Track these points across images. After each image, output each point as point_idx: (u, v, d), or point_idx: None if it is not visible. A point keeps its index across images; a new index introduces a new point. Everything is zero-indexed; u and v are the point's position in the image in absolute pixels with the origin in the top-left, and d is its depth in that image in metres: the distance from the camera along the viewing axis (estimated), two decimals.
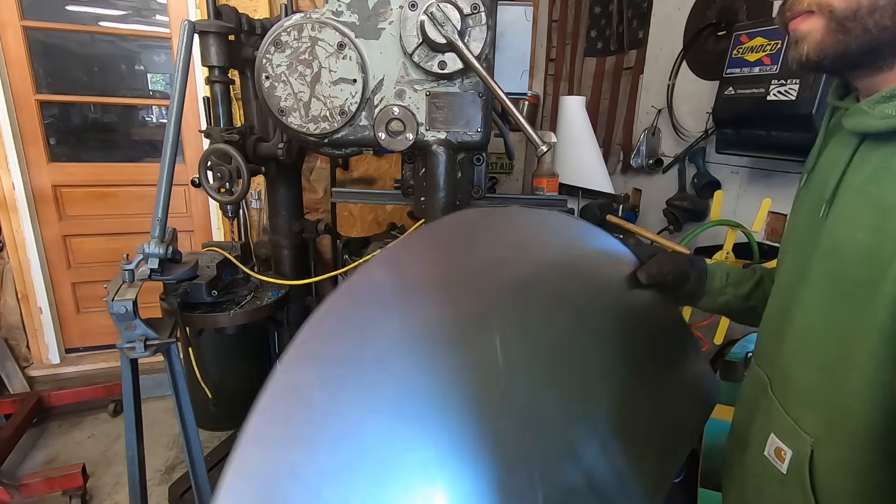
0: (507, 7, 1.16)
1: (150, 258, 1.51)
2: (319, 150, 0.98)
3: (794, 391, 0.64)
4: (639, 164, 2.34)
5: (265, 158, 1.91)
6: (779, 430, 0.65)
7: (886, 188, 0.52)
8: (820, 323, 0.59)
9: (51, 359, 2.78)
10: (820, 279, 0.59)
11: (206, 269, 1.84)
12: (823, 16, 0.53)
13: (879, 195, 0.52)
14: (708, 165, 2.03)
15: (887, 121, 0.51)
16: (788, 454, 0.62)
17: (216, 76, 1.81)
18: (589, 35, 2.78)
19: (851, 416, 0.56)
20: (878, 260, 0.51)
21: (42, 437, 2.52)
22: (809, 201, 0.66)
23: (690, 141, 2.06)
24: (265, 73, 0.85)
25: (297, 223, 2.23)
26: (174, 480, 2.10)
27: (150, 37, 2.66)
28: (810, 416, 0.61)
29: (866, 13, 0.50)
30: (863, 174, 0.55)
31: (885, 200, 0.52)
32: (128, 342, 1.36)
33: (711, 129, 1.92)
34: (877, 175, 0.53)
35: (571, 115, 2.30)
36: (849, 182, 0.57)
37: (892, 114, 0.51)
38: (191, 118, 2.68)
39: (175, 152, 1.55)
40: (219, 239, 2.86)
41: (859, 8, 0.50)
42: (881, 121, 0.52)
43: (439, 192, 0.91)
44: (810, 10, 0.54)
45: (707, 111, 1.89)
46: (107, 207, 2.74)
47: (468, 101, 0.90)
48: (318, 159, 2.89)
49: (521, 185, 3.17)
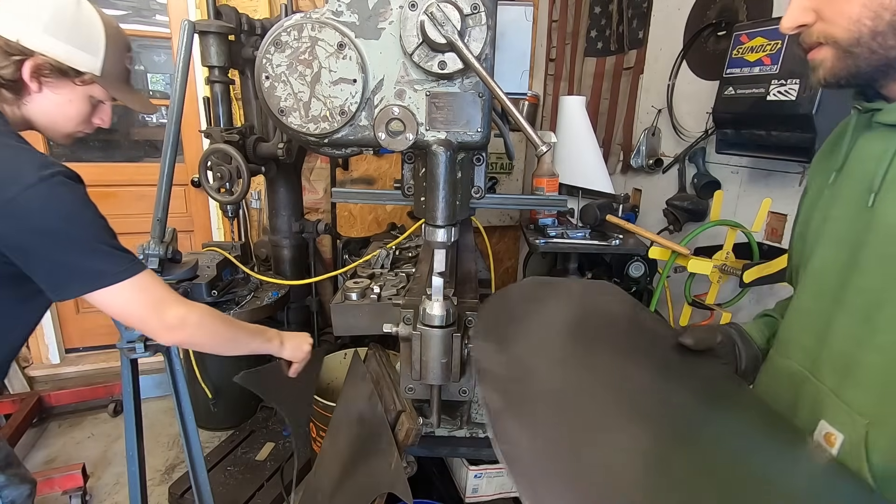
0: (507, 7, 1.16)
1: (150, 258, 1.51)
2: (319, 150, 0.98)
3: (849, 375, 0.66)
4: (639, 164, 2.34)
5: (265, 158, 1.91)
6: (830, 416, 0.68)
7: None
8: (881, 305, 0.62)
9: (51, 359, 2.78)
10: (876, 263, 0.63)
11: (206, 269, 1.84)
12: (831, 46, 0.61)
13: None
14: (708, 165, 2.03)
15: None
16: (840, 438, 0.65)
17: (216, 76, 1.81)
18: (589, 35, 2.78)
19: None
20: None
21: (42, 437, 2.52)
22: (849, 195, 0.69)
23: (690, 141, 2.06)
24: (265, 73, 0.85)
25: (297, 223, 2.23)
26: (174, 480, 2.10)
27: (150, 37, 2.67)
28: (865, 397, 0.64)
29: (868, 38, 0.58)
30: None
31: None
32: (128, 342, 1.36)
33: (711, 129, 1.92)
34: None
35: (571, 115, 2.30)
36: (895, 172, 0.62)
37: None
38: (191, 118, 2.69)
39: (175, 152, 1.56)
40: (219, 239, 2.86)
41: (861, 36, 0.58)
42: None
43: (439, 191, 0.91)
44: (819, 41, 0.62)
45: (707, 111, 1.89)
46: (107, 207, 2.69)
47: (468, 101, 0.90)
48: (318, 159, 2.89)
49: (521, 185, 3.17)
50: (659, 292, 1.81)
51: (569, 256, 2.13)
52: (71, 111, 1.05)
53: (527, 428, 0.59)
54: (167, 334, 1.04)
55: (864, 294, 0.65)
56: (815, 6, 0.62)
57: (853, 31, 0.58)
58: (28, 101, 1.01)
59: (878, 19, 0.57)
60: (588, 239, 1.99)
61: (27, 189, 0.87)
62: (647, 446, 0.62)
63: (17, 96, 1.00)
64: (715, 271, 1.62)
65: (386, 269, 1.55)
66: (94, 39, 1.02)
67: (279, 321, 2.32)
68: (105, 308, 0.97)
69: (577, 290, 1.16)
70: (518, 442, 0.55)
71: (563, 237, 2.00)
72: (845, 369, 0.67)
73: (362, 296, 1.32)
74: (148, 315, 1.00)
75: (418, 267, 1.48)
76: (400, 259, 1.67)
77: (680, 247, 1.69)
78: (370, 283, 1.37)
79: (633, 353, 0.84)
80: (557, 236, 2.00)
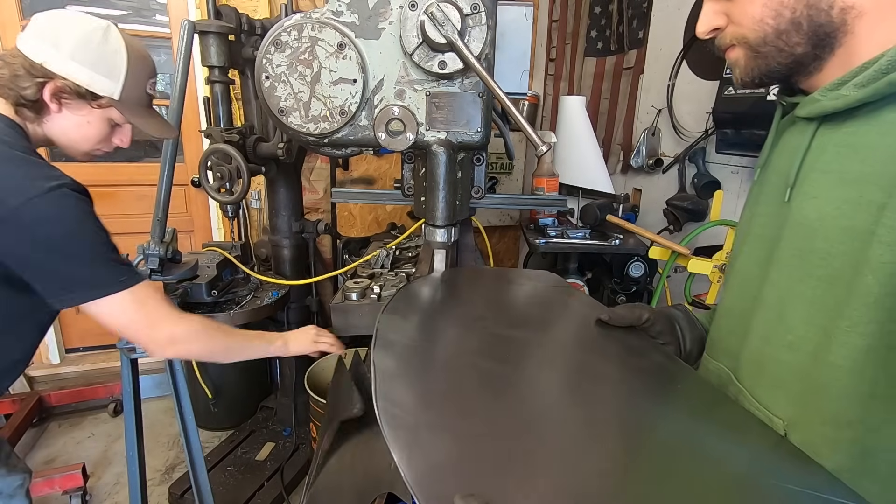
0: (507, 7, 1.16)
1: (150, 258, 1.51)
2: (319, 150, 0.98)
3: (764, 375, 0.65)
4: (639, 164, 2.34)
5: (265, 158, 1.91)
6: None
7: (850, 163, 0.55)
8: (792, 302, 0.61)
9: (51, 359, 2.78)
10: (789, 258, 0.62)
11: (206, 269, 1.84)
12: (743, 46, 0.63)
13: (844, 170, 0.56)
14: (708, 165, 2.03)
15: (843, 99, 0.55)
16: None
17: (216, 76, 1.81)
18: (589, 35, 2.78)
19: (826, 392, 0.57)
20: (854, 230, 0.54)
21: (42, 437, 2.52)
22: (769, 190, 0.69)
23: (690, 141, 2.06)
24: (265, 73, 0.85)
25: (297, 223, 2.23)
26: (174, 480, 2.10)
27: (150, 37, 2.66)
28: (783, 398, 0.62)
29: (774, 37, 0.59)
30: (825, 154, 0.59)
31: (850, 174, 0.55)
32: (128, 342, 1.36)
33: (711, 129, 1.92)
34: (839, 153, 0.57)
35: (571, 115, 2.30)
36: (810, 164, 0.61)
37: (845, 94, 0.55)
38: (191, 118, 2.69)
39: (175, 152, 1.56)
40: (219, 239, 2.86)
41: (766, 35, 0.59)
42: (836, 101, 0.56)
43: (439, 192, 0.91)
44: (733, 43, 0.64)
45: (707, 111, 1.89)
46: (107, 207, 2.74)
47: (468, 101, 0.90)
48: (318, 159, 2.89)
49: (521, 185, 3.17)
50: (659, 292, 1.81)
51: (569, 256, 2.13)
52: (90, 132, 1.11)
53: (411, 389, 0.60)
54: (159, 351, 1.08)
55: (776, 290, 0.64)
56: (724, 9, 0.63)
57: (759, 32, 0.60)
58: (48, 119, 1.06)
59: (780, 17, 0.58)
60: (588, 239, 2.00)
61: (32, 199, 0.90)
62: (534, 407, 0.60)
63: (38, 115, 1.05)
64: (715, 271, 1.63)
65: (386, 269, 1.55)
66: (117, 66, 1.07)
67: (279, 321, 2.32)
68: (101, 319, 1.01)
69: (513, 276, 1.16)
70: (399, 402, 0.55)
71: (563, 237, 2.00)
72: (760, 369, 0.66)
73: (362, 296, 1.32)
74: (140, 332, 1.05)
75: (418, 267, 1.48)
76: (400, 259, 1.67)
77: (680, 247, 1.69)
78: (370, 283, 1.37)
79: (547, 329, 0.83)
80: (557, 236, 2.00)
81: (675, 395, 0.68)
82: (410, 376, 0.64)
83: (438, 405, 0.58)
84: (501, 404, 0.59)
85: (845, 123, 0.57)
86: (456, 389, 0.62)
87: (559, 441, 0.54)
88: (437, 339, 0.76)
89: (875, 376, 0.54)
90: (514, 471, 0.47)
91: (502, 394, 0.61)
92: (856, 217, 0.54)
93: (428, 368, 0.67)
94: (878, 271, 0.51)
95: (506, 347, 0.72)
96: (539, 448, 0.52)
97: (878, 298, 0.51)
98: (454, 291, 0.98)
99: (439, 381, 0.64)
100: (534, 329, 0.81)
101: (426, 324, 0.82)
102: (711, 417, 0.63)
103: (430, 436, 0.52)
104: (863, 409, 0.55)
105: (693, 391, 0.68)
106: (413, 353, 0.69)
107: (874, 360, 0.53)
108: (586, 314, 0.85)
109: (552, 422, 0.59)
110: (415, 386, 0.62)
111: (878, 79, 0.52)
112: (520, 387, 0.62)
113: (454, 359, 0.71)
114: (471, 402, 0.59)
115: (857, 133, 0.56)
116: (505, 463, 0.48)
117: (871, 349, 0.53)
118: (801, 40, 0.58)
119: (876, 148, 0.53)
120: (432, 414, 0.56)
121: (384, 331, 0.70)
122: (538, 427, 0.56)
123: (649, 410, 0.62)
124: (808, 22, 0.57)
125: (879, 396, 0.54)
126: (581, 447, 0.54)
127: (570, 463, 0.51)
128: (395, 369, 0.63)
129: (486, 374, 0.65)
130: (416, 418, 0.54)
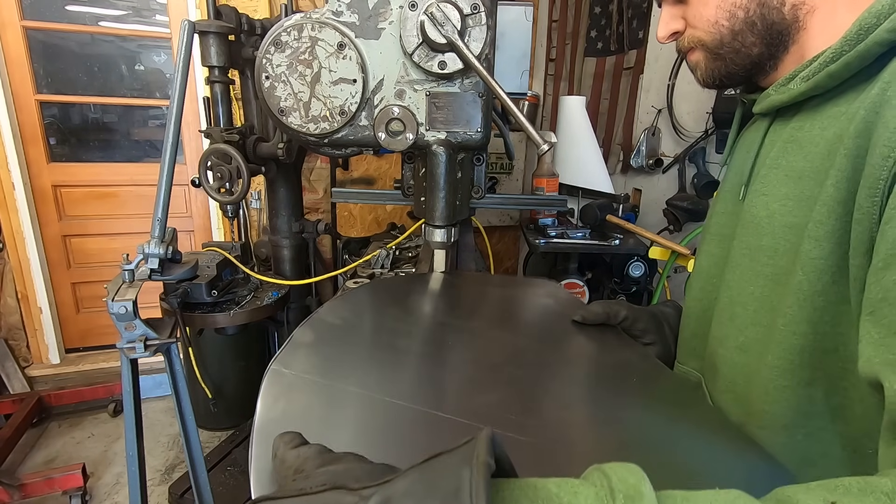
0: (507, 7, 1.16)
1: (150, 258, 1.51)
2: (319, 150, 0.98)
3: (719, 378, 0.64)
4: (639, 164, 2.34)
5: (265, 158, 1.91)
6: None
7: (795, 158, 0.55)
8: (743, 301, 0.60)
9: (51, 359, 2.78)
10: (740, 258, 0.61)
11: (206, 269, 1.84)
12: (701, 49, 0.63)
13: (789, 166, 0.56)
14: (708, 165, 2.03)
15: (788, 93, 0.56)
16: None
17: (216, 76, 1.81)
18: (589, 35, 2.78)
19: (766, 395, 0.55)
20: (795, 227, 0.53)
21: (42, 437, 2.52)
22: (729, 188, 0.69)
23: (690, 141, 2.06)
24: (265, 73, 0.85)
25: (297, 223, 2.23)
26: (174, 480, 2.10)
27: (150, 37, 2.66)
28: (733, 401, 0.61)
29: (730, 39, 0.59)
30: (774, 149, 0.59)
31: (794, 170, 0.55)
32: (128, 342, 1.36)
33: (711, 129, 1.93)
34: (786, 148, 0.57)
35: (571, 115, 2.30)
36: (762, 160, 0.61)
37: (792, 88, 0.56)
38: (191, 118, 2.69)
39: (175, 152, 1.55)
40: (219, 239, 2.86)
41: (722, 37, 0.60)
42: (783, 94, 0.57)
43: (439, 192, 0.91)
44: (692, 46, 0.64)
45: (707, 111, 1.89)
46: (107, 207, 2.74)
47: (468, 101, 0.90)
48: (318, 159, 2.89)
49: (521, 185, 3.17)
50: (659, 292, 1.81)
51: (569, 256, 2.13)
52: None
53: (313, 357, 0.60)
54: None
55: (729, 291, 0.62)
56: (681, 13, 0.63)
57: (714, 34, 0.60)
58: None
59: (734, 19, 0.58)
60: (588, 239, 2.00)
61: None
62: (433, 381, 0.59)
63: None
64: None
65: (386, 269, 1.55)
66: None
67: (279, 321, 2.32)
68: None
69: (495, 281, 1.14)
70: (291, 365, 0.56)
71: (563, 237, 2.00)
72: (715, 372, 0.65)
73: None
74: None
75: (418, 267, 1.48)
76: (400, 259, 1.67)
77: (680, 247, 1.69)
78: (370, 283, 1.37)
79: (510, 326, 0.79)
80: (557, 236, 2.00)
81: (613, 376, 0.66)
82: (319, 346, 0.63)
83: (334, 371, 0.58)
84: (399, 376, 0.58)
85: (794, 118, 0.58)
86: (361, 363, 0.61)
87: (430, 402, 0.53)
88: (369, 325, 0.74)
89: (812, 379, 0.52)
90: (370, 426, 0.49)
91: (407, 368, 0.60)
92: (797, 213, 0.53)
93: (342, 342, 0.66)
94: (807, 267, 0.50)
95: (441, 334, 0.70)
96: (413, 408, 0.52)
97: (808, 296, 0.50)
98: (420, 292, 0.93)
99: (349, 354, 0.63)
100: (487, 323, 0.78)
101: (368, 314, 0.79)
102: (654, 401, 0.60)
103: (301, 391, 0.53)
104: (800, 415, 0.53)
105: (652, 382, 0.64)
106: (336, 330, 0.68)
107: (809, 362, 0.52)
108: (560, 312, 0.81)
109: (441, 389, 0.58)
110: (319, 354, 0.62)
111: (819, 71, 0.52)
112: (430, 366, 0.62)
113: (375, 337, 0.69)
114: (371, 372, 0.59)
115: (803, 128, 0.56)
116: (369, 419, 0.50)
117: (804, 350, 0.51)
118: (757, 40, 0.58)
119: (817, 143, 0.53)
120: (317, 375, 0.56)
121: (320, 312, 0.71)
122: (423, 394, 0.55)
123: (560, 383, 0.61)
124: (761, 21, 0.57)
125: (818, 402, 0.53)
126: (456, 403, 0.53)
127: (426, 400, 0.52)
128: (309, 342, 0.63)
129: (402, 351, 0.64)
130: (300, 377, 0.55)
